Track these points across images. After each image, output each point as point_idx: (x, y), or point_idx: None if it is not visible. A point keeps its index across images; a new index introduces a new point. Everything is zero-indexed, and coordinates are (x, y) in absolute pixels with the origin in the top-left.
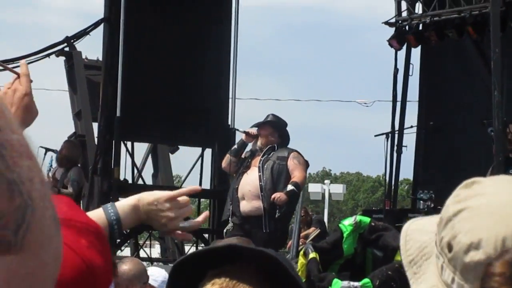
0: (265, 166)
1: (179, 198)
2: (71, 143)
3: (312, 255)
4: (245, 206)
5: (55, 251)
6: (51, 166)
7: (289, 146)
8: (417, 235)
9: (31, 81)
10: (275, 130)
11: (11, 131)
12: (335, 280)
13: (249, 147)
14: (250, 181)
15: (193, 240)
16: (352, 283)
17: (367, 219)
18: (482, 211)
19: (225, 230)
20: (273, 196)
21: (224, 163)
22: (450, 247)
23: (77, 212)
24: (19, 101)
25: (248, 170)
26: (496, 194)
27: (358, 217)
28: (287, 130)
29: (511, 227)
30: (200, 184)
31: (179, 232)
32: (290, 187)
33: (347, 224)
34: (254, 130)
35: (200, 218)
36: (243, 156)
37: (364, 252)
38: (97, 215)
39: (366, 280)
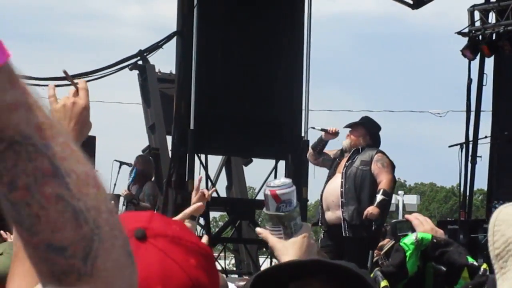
0: (348, 173)
1: None
2: (144, 158)
3: (383, 283)
4: (330, 216)
5: (128, 281)
6: (133, 178)
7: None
8: (504, 227)
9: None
10: (367, 132)
11: (77, 161)
12: None
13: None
14: (332, 190)
15: (268, 252)
16: None
17: (428, 236)
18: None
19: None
20: (365, 214)
21: (307, 154)
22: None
23: (188, 233)
24: (77, 115)
25: (333, 176)
26: None
27: (419, 235)
28: (379, 134)
29: None
30: None
31: None
32: (379, 197)
33: (408, 242)
34: (333, 128)
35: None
36: (332, 155)
37: (424, 267)
38: None
39: None
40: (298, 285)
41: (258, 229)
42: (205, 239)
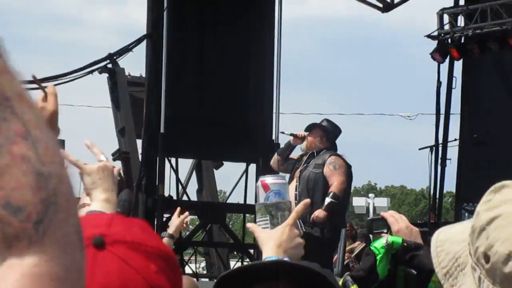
0: (302, 176)
1: None
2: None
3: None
4: None
5: (77, 264)
6: None
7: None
8: (448, 246)
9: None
10: (324, 134)
11: (47, 134)
12: None
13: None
14: (290, 193)
15: (238, 255)
16: None
17: (399, 239)
18: None
19: None
20: (312, 217)
21: (271, 162)
22: (487, 258)
23: (149, 236)
24: (46, 120)
25: (291, 181)
26: None
27: (390, 239)
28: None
29: None
30: (245, 199)
31: None
32: (328, 200)
33: (379, 246)
34: (302, 132)
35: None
36: (295, 157)
37: (395, 270)
38: None
39: None
40: (262, 287)
41: (248, 224)
42: (177, 211)
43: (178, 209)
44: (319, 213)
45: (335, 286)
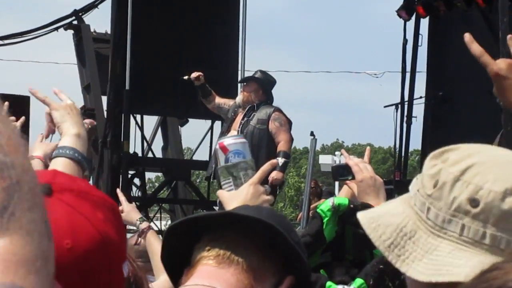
0: (245, 131)
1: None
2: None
3: None
4: None
5: (44, 250)
6: None
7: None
8: (386, 219)
9: None
10: (259, 87)
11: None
12: (328, 283)
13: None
14: None
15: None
16: (346, 287)
17: (345, 201)
18: (496, 161)
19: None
20: (270, 180)
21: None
22: (475, 202)
23: (94, 188)
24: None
25: (228, 132)
26: (487, 149)
27: (336, 200)
28: (272, 89)
29: None
30: (210, 157)
31: None
32: (281, 160)
33: (325, 209)
34: (196, 73)
35: None
36: (227, 106)
37: (343, 229)
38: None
39: (360, 281)
40: (211, 237)
41: (217, 192)
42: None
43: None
44: (276, 174)
45: (283, 234)
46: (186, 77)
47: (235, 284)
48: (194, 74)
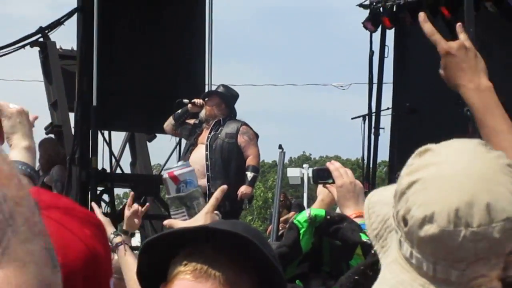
0: (214, 145)
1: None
2: (48, 142)
3: None
4: None
5: (45, 279)
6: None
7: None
8: (378, 208)
9: None
10: (222, 101)
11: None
12: None
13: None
14: (197, 159)
15: None
16: None
17: (322, 212)
18: (433, 182)
19: None
20: (239, 195)
21: (165, 125)
22: (405, 221)
23: (77, 205)
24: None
25: (195, 147)
26: (447, 162)
27: (312, 212)
28: (234, 104)
29: (462, 197)
30: None
31: None
32: (250, 174)
33: (302, 220)
34: (200, 100)
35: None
36: (191, 122)
37: (321, 241)
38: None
39: None
40: (188, 252)
41: (164, 222)
42: (128, 202)
43: (129, 200)
44: (245, 189)
45: (259, 247)
46: (186, 101)
47: None
48: (199, 101)
